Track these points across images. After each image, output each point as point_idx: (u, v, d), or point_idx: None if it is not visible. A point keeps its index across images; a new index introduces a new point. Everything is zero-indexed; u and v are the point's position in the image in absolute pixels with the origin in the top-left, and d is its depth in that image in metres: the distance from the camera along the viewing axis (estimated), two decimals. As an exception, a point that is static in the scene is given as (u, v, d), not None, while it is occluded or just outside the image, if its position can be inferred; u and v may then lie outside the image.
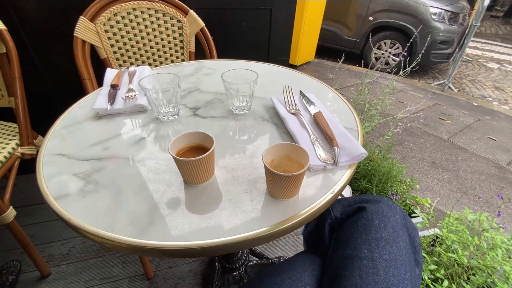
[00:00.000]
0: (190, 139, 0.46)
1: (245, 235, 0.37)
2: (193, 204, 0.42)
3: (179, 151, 0.45)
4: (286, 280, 0.48)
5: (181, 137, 0.45)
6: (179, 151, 0.45)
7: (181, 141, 0.45)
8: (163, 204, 0.41)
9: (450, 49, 3.37)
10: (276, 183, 0.40)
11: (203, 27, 1.12)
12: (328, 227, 0.56)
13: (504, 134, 2.31)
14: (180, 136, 0.44)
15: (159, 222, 0.39)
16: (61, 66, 1.29)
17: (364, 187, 1.29)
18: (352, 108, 0.66)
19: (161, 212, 0.40)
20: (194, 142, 0.46)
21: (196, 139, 0.46)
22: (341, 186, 0.45)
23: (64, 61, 1.26)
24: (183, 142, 0.45)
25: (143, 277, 1.09)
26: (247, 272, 0.95)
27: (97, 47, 1.01)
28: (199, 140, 0.46)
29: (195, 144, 0.46)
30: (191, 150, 0.46)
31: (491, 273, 0.80)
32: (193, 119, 0.62)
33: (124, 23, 1.03)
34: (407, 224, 0.52)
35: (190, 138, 0.46)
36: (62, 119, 0.61)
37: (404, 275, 0.44)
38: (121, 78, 0.72)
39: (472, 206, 1.54)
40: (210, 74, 0.84)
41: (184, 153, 0.45)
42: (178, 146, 0.45)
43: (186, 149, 0.46)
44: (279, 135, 0.57)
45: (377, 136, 1.94)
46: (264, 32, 1.61)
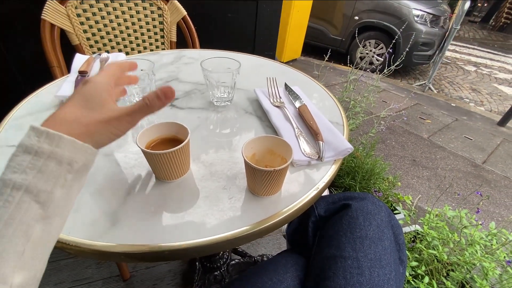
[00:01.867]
0: (162, 131, 0.41)
1: (222, 236, 0.34)
2: (164, 202, 0.38)
3: (149, 143, 0.41)
4: (267, 282, 0.45)
5: (152, 128, 0.40)
6: (150, 144, 0.41)
7: (151, 132, 0.40)
8: (130, 202, 0.37)
9: (431, 51, 3.47)
10: (256, 179, 0.37)
11: (185, 16, 1.06)
12: (312, 225, 0.54)
13: (479, 134, 2.41)
14: (151, 126, 0.40)
15: (125, 223, 0.34)
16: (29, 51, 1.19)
17: (348, 184, 1.29)
18: (338, 102, 0.64)
19: (127, 212, 0.36)
20: (167, 133, 0.42)
21: (169, 131, 0.42)
22: (325, 182, 0.42)
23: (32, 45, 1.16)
24: (154, 134, 0.41)
25: (119, 279, 1.03)
26: (229, 271, 0.92)
27: (68, 32, 0.93)
28: (173, 131, 0.42)
29: (168, 136, 0.42)
30: (163, 142, 0.42)
31: (470, 269, 0.82)
32: (170, 110, 0.58)
33: (99, 7, 0.95)
34: (392, 222, 0.51)
35: (162, 129, 0.41)
36: (20, 107, 0.54)
37: (389, 274, 0.42)
38: (91, 65, 0.66)
39: (450, 203, 1.58)
40: (190, 63, 0.79)
41: (156, 145, 0.41)
42: (149, 138, 0.40)
43: (157, 142, 0.41)
44: (262, 128, 0.54)
45: (361, 134, 1.96)
46: (250, 25, 1.57)
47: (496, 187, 1.78)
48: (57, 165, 0.25)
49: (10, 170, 0.24)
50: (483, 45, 6.00)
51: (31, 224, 0.23)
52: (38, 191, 0.24)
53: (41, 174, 0.24)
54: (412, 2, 3.27)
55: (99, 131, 0.29)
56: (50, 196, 0.24)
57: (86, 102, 0.29)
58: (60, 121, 0.27)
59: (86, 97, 0.30)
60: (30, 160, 0.24)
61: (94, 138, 0.28)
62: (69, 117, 0.28)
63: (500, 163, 2.04)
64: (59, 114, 0.28)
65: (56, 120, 0.27)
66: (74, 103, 0.29)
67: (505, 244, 0.84)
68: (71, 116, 0.28)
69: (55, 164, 0.25)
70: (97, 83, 0.31)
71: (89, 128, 0.28)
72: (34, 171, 0.24)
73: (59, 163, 0.25)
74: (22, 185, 0.23)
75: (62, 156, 0.25)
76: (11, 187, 0.23)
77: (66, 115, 0.28)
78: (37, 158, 0.24)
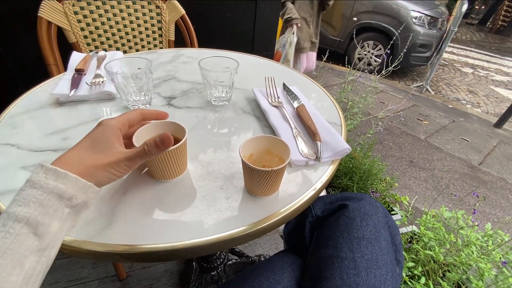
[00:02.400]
0: (159, 130, 0.41)
1: (219, 236, 0.33)
2: (160, 202, 0.37)
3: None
4: (264, 282, 0.45)
5: (148, 126, 0.40)
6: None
7: (148, 131, 0.40)
8: (126, 202, 0.37)
9: (429, 53, 3.49)
10: (254, 179, 0.37)
11: (184, 15, 1.06)
12: (309, 225, 0.54)
13: (476, 136, 2.43)
14: (148, 125, 0.40)
15: (121, 223, 0.34)
16: (25, 48, 1.18)
17: (345, 184, 1.30)
18: (336, 102, 0.64)
19: (123, 211, 0.35)
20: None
21: (166, 130, 0.41)
22: (323, 182, 0.42)
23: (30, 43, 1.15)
24: (151, 133, 0.40)
25: (115, 279, 1.02)
26: (226, 272, 0.92)
27: (65, 30, 0.92)
28: (170, 130, 0.41)
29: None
30: None
31: (466, 269, 0.82)
32: (167, 109, 0.57)
33: (96, 5, 0.95)
34: (389, 223, 0.51)
35: (159, 128, 0.41)
36: (16, 105, 0.54)
37: (386, 275, 0.42)
38: (88, 63, 0.65)
39: (446, 203, 1.59)
40: (188, 62, 0.79)
41: None
42: (146, 136, 0.40)
43: None
44: (260, 128, 0.54)
45: (358, 135, 1.97)
46: (249, 25, 1.57)
47: (492, 188, 1.79)
48: (58, 199, 0.27)
49: (16, 204, 0.26)
50: (480, 47, 6.05)
51: (27, 255, 0.25)
52: (37, 223, 0.26)
53: (42, 208, 0.26)
54: (411, 4, 3.29)
55: (98, 173, 0.31)
56: (47, 228, 0.26)
57: (93, 144, 0.33)
58: (66, 161, 0.30)
59: (94, 140, 0.33)
60: (35, 194, 0.26)
61: (95, 178, 0.31)
62: (76, 158, 0.31)
63: (496, 165, 2.05)
64: (68, 155, 0.31)
65: (64, 160, 0.30)
66: (83, 145, 0.33)
67: (501, 245, 0.85)
68: (77, 157, 0.31)
69: (56, 199, 0.27)
70: (108, 127, 0.34)
71: (90, 170, 0.30)
72: (36, 204, 0.26)
73: (60, 197, 0.27)
74: (24, 218, 0.25)
75: (65, 192, 0.27)
76: (13, 219, 0.25)
77: (73, 156, 0.31)
78: (41, 193, 0.26)
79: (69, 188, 0.28)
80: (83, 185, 0.29)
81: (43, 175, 0.27)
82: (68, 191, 0.28)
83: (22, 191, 0.27)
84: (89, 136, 0.34)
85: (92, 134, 0.34)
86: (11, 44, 1.17)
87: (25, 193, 0.26)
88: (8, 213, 0.25)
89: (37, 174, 0.27)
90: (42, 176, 0.27)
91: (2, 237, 0.24)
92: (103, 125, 0.34)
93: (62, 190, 0.27)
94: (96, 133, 0.34)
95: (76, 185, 0.28)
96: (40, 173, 0.27)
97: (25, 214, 0.25)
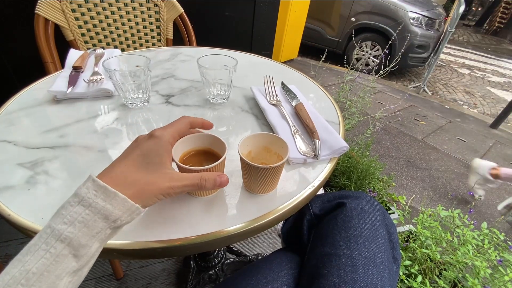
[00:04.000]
0: (198, 143, 0.39)
1: (216, 233, 0.33)
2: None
3: (183, 155, 0.38)
4: (261, 280, 0.45)
5: (187, 139, 0.38)
6: (184, 156, 0.38)
7: (186, 143, 0.38)
8: (124, 199, 0.37)
9: (426, 54, 3.51)
10: (252, 176, 0.37)
11: (182, 13, 1.06)
12: (307, 223, 0.54)
13: (472, 136, 2.45)
14: (187, 138, 0.38)
15: (118, 219, 0.34)
16: (22, 46, 1.17)
17: (343, 183, 1.30)
18: (334, 101, 0.64)
19: (121, 208, 0.35)
20: (201, 145, 0.39)
21: (205, 143, 0.39)
22: (321, 180, 0.42)
23: (27, 41, 1.14)
24: (189, 145, 0.39)
25: (112, 278, 1.02)
26: (223, 271, 0.92)
27: (63, 28, 0.91)
28: (206, 143, 0.39)
29: (202, 148, 0.40)
30: (197, 154, 0.39)
31: (462, 268, 0.83)
32: (165, 107, 0.57)
33: (94, 3, 0.94)
34: (386, 221, 0.51)
35: (198, 142, 0.39)
36: (13, 102, 0.53)
37: (383, 273, 0.42)
38: (85, 60, 0.65)
39: (443, 203, 1.60)
40: (187, 61, 0.78)
41: (189, 158, 0.39)
42: (183, 149, 0.38)
43: (192, 153, 0.39)
44: (258, 126, 0.54)
45: (356, 134, 1.97)
46: (247, 24, 1.57)
47: (488, 188, 1.81)
48: (103, 221, 0.26)
49: (61, 220, 0.25)
50: (477, 49, 6.09)
51: (62, 276, 0.24)
52: (79, 245, 0.25)
53: (87, 229, 0.25)
54: (408, 5, 3.30)
55: (148, 197, 0.29)
56: (88, 250, 0.25)
57: (146, 162, 0.30)
58: (118, 179, 0.28)
59: (147, 157, 0.31)
60: (82, 213, 0.25)
61: (143, 202, 0.29)
62: (128, 178, 0.29)
63: (492, 165, 2.07)
64: (119, 170, 0.29)
65: (116, 176, 0.29)
66: (135, 161, 0.30)
67: (496, 244, 0.85)
68: (130, 177, 0.29)
69: (101, 220, 0.26)
70: (161, 142, 0.32)
71: (141, 193, 0.29)
72: (82, 224, 0.25)
73: (106, 219, 0.26)
74: (67, 238, 0.24)
75: (111, 213, 0.26)
76: (57, 238, 0.24)
77: (125, 173, 0.29)
78: (89, 213, 0.25)
79: (116, 210, 0.26)
80: (130, 207, 0.27)
81: (93, 192, 0.26)
82: (114, 213, 0.26)
83: (70, 206, 0.25)
84: (141, 150, 0.31)
85: (144, 147, 0.31)
86: (8, 41, 1.16)
87: (73, 210, 0.25)
88: (52, 228, 0.24)
89: (87, 189, 0.26)
90: (92, 193, 0.26)
91: (42, 257, 0.23)
92: (156, 138, 0.32)
93: (109, 211, 0.26)
94: (149, 148, 0.31)
95: (124, 207, 0.27)
96: (90, 190, 0.26)
97: (69, 234, 0.24)
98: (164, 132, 0.33)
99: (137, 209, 0.28)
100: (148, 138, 0.32)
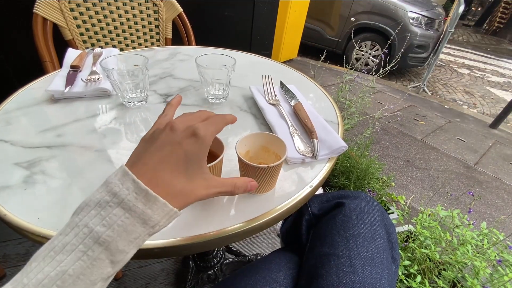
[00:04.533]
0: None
1: (215, 233, 0.33)
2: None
3: None
4: (260, 280, 0.45)
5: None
6: None
7: None
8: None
9: (426, 54, 3.51)
10: (250, 175, 0.36)
11: (181, 13, 1.05)
12: (306, 223, 0.54)
13: (472, 136, 2.45)
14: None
15: (115, 219, 0.34)
16: (20, 45, 1.17)
17: (342, 183, 1.30)
18: (333, 101, 0.64)
19: (118, 207, 0.35)
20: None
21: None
22: (319, 180, 0.42)
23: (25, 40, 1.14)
24: None
25: (111, 278, 1.02)
26: (222, 271, 0.92)
27: (61, 27, 0.91)
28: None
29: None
30: None
31: (461, 268, 0.82)
32: (163, 106, 0.57)
33: (93, 2, 0.94)
34: (385, 221, 0.51)
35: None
36: (10, 101, 0.53)
37: (382, 273, 0.42)
38: (83, 60, 0.65)
39: (442, 203, 1.60)
40: (185, 60, 0.78)
41: None
42: None
43: None
44: (257, 126, 0.54)
45: (355, 134, 1.97)
46: (247, 24, 1.57)
47: (487, 188, 1.81)
48: (142, 226, 0.25)
49: (100, 221, 0.23)
50: (476, 49, 6.09)
51: (96, 282, 0.23)
52: (117, 251, 0.24)
53: (126, 233, 0.24)
54: (408, 5, 3.30)
55: (186, 201, 0.28)
56: (125, 257, 0.24)
57: (187, 164, 0.28)
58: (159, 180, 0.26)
59: (189, 159, 0.28)
60: (121, 217, 0.24)
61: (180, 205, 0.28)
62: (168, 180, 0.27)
63: (492, 165, 2.07)
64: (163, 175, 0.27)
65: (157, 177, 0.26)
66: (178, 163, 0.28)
67: (495, 244, 0.85)
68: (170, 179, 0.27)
69: (140, 225, 0.25)
70: (203, 144, 0.29)
71: (180, 197, 0.27)
72: (121, 228, 0.24)
73: (144, 223, 0.25)
74: (105, 241, 0.23)
75: (150, 218, 0.25)
76: (95, 240, 0.23)
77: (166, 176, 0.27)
78: (128, 216, 0.24)
79: (155, 214, 0.25)
80: (169, 211, 0.26)
81: (133, 195, 0.24)
82: (153, 217, 0.25)
83: (110, 207, 0.24)
84: (185, 154, 0.28)
85: (188, 148, 0.28)
86: (6, 40, 1.16)
87: (113, 212, 0.24)
88: (90, 229, 0.23)
89: (127, 190, 0.24)
90: (133, 196, 0.24)
91: (80, 258, 0.22)
92: (199, 139, 0.29)
93: (149, 215, 0.25)
94: (193, 151, 0.28)
95: (163, 211, 0.26)
96: (131, 191, 0.24)
97: (107, 237, 0.23)
98: (207, 132, 0.30)
99: (175, 213, 0.27)
100: (191, 135, 0.28)
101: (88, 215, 0.24)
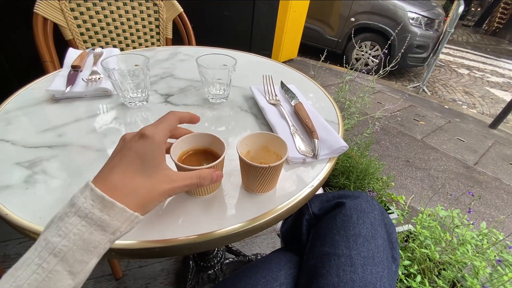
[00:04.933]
0: (196, 142, 0.39)
1: (215, 233, 0.33)
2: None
3: (182, 155, 0.38)
4: (260, 279, 0.45)
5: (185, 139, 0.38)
6: (182, 155, 0.38)
7: (184, 143, 0.38)
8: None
9: (425, 54, 3.51)
10: (251, 175, 0.37)
11: (182, 13, 1.05)
12: (306, 223, 0.54)
13: (472, 136, 2.45)
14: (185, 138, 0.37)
15: (116, 218, 0.34)
16: (21, 45, 1.17)
17: (342, 183, 1.30)
18: (333, 101, 0.64)
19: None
20: (200, 145, 0.39)
21: (205, 143, 0.39)
22: (320, 180, 0.42)
23: (25, 40, 1.14)
24: (187, 145, 0.38)
25: (111, 277, 1.02)
26: (222, 270, 0.92)
27: (61, 27, 0.91)
28: (206, 143, 0.39)
29: (201, 148, 0.39)
30: (196, 154, 0.39)
31: (461, 268, 0.83)
32: (164, 106, 0.57)
33: (93, 2, 0.94)
34: (385, 220, 0.51)
35: (196, 141, 0.39)
36: (11, 101, 0.53)
37: (382, 272, 0.42)
38: (84, 59, 0.65)
39: (442, 203, 1.60)
40: (186, 60, 0.78)
41: (188, 157, 0.39)
42: (181, 149, 0.38)
43: (190, 153, 0.39)
44: (257, 126, 0.54)
45: (355, 134, 1.97)
46: (247, 24, 1.57)
47: (487, 188, 1.81)
48: (101, 233, 0.24)
49: (56, 231, 0.23)
50: (476, 49, 6.10)
51: None
52: (75, 261, 0.23)
53: (83, 242, 0.23)
54: (408, 5, 3.30)
55: (152, 202, 0.28)
56: (84, 266, 0.24)
57: (142, 165, 0.28)
58: (117, 186, 0.26)
59: (143, 160, 0.29)
60: (78, 225, 0.23)
61: (146, 208, 0.28)
62: (128, 184, 0.27)
63: (491, 165, 2.07)
64: (118, 177, 0.27)
65: (115, 183, 0.27)
66: (132, 165, 0.28)
67: (495, 244, 0.85)
68: (130, 184, 0.27)
69: (99, 232, 0.24)
70: (154, 142, 0.30)
71: (146, 200, 0.28)
72: (77, 237, 0.23)
73: (103, 231, 0.24)
74: (61, 251, 0.23)
75: (109, 225, 0.25)
76: (50, 251, 0.22)
77: (125, 180, 0.27)
78: (85, 224, 0.24)
79: (114, 220, 0.25)
80: (129, 216, 0.26)
81: (90, 202, 0.24)
82: (112, 224, 0.25)
83: (67, 217, 0.24)
84: (136, 153, 0.29)
85: (139, 150, 0.29)
86: (7, 40, 1.16)
87: (69, 221, 0.23)
88: (47, 241, 0.23)
89: (84, 199, 0.24)
90: (89, 203, 0.24)
91: (35, 272, 0.22)
92: (148, 138, 0.29)
93: (107, 222, 0.24)
94: (144, 151, 0.29)
95: (122, 217, 0.25)
96: (87, 199, 0.24)
97: (62, 247, 0.23)
98: (155, 130, 0.30)
99: (136, 218, 0.27)
100: (139, 138, 0.30)
101: (48, 229, 0.24)
